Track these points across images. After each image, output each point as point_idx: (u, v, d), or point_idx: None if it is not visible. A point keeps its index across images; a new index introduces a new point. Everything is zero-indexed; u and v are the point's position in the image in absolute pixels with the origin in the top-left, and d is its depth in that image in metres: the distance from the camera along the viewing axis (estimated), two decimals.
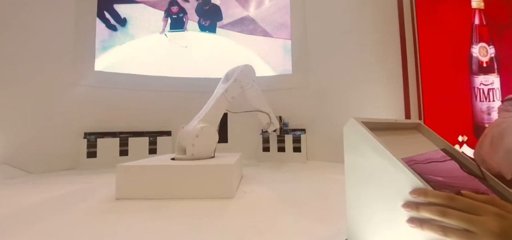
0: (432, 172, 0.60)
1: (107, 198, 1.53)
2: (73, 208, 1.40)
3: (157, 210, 1.34)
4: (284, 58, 3.74)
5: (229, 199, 1.50)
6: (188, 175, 1.57)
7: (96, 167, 2.85)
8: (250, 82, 2.51)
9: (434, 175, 0.61)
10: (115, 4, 3.54)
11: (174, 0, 3.83)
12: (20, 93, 2.63)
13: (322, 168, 2.66)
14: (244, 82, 2.41)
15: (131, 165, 1.61)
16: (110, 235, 1.05)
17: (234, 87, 2.29)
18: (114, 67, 3.35)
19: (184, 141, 1.82)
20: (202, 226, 1.15)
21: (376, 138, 0.47)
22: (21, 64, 2.64)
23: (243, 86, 2.41)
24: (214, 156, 1.94)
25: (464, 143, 2.49)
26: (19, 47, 2.64)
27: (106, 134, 3.02)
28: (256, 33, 3.88)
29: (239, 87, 2.35)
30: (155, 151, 3.16)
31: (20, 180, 2.28)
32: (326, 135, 3.11)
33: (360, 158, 0.49)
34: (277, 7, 3.87)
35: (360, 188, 0.48)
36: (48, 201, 1.55)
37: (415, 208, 0.36)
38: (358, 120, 0.52)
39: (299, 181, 2.09)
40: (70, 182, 2.10)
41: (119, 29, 3.54)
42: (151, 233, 1.06)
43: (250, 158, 3.30)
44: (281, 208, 1.37)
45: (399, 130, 0.68)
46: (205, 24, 3.88)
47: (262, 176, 2.26)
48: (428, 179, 0.50)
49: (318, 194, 1.65)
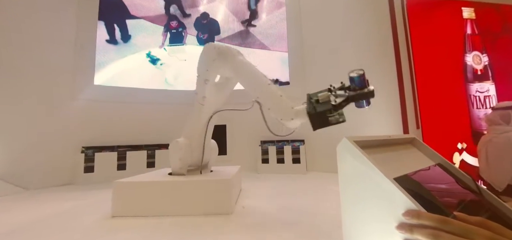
0: (433, 179, 0.59)
1: (102, 216, 1.50)
2: (67, 227, 1.38)
3: (153, 228, 1.32)
4: (282, 70, 3.78)
5: (227, 215, 1.48)
6: (185, 191, 1.55)
7: (93, 182, 2.82)
8: (212, 65, 1.72)
9: (436, 182, 0.60)
10: (126, 20, 3.64)
11: (174, 16, 3.91)
12: (17, 107, 2.63)
13: (322, 179, 2.64)
14: (203, 72, 1.76)
15: (127, 181, 1.59)
16: None
17: (198, 85, 1.80)
18: (113, 81, 3.38)
19: None
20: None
21: (368, 158, 0.47)
22: (19, 77, 2.65)
23: (208, 78, 1.75)
24: (211, 170, 1.92)
25: (464, 150, 2.50)
26: (18, 60, 2.66)
27: (104, 148, 3.00)
28: (254, 46, 3.94)
29: (203, 81, 1.75)
30: (153, 165, 3.13)
31: (15, 196, 2.25)
32: (324, 146, 3.10)
33: (354, 178, 0.48)
34: (274, 21, 3.95)
35: (355, 208, 0.47)
36: (42, 219, 1.52)
37: (409, 230, 0.36)
38: (350, 140, 0.52)
39: (298, 194, 2.07)
40: (66, 199, 2.08)
41: (120, 43, 3.60)
42: None
43: (249, 170, 3.28)
44: (280, 224, 1.35)
45: (394, 145, 0.68)
46: (203, 37, 3.95)
47: (261, 189, 2.23)
48: (430, 188, 0.50)
49: (317, 208, 1.64)
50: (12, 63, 2.62)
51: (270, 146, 3.32)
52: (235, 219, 1.42)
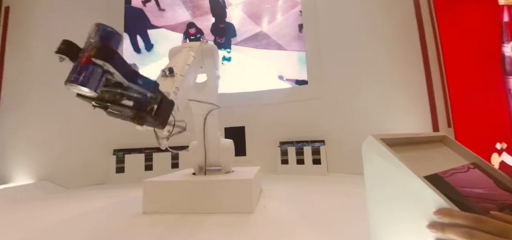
0: (468, 180, 0.56)
1: (134, 213, 1.61)
2: (104, 222, 1.50)
3: (180, 224, 1.38)
4: (299, 70, 3.75)
5: (249, 214, 1.51)
6: (208, 190, 1.60)
7: (124, 181, 3.02)
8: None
9: (472, 183, 0.57)
10: (148, 30, 3.87)
11: (192, 23, 4.05)
12: (57, 115, 2.90)
13: (343, 181, 2.58)
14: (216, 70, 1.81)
15: (155, 180, 1.69)
16: None
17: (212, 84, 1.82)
18: None
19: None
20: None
21: (396, 155, 0.46)
22: (58, 89, 2.92)
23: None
24: (232, 171, 1.96)
25: (504, 150, 2.29)
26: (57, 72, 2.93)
27: (133, 150, 3.20)
28: (270, 47, 3.96)
29: (216, 78, 1.84)
30: (177, 165, 3.27)
31: (59, 195, 2.48)
32: (346, 146, 3.02)
33: (381, 177, 0.47)
34: (290, 21, 3.93)
35: (382, 208, 0.46)
36: (82, 215, 1.67)
37: (440, 230, 0.35)
38: (377, 137, 0.51)
39: (319, 195, 2.04)
40: (101, 197, 2.24)
41: (143, 52, 3.84)
42: None
43: (269, 171, 3.29)
44: (302, 224, 1.35)
45: (422, 144, 0.65)
46: (221, 41, 4.04)
47: (282, 190, 2.23)
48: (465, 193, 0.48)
49: (340, 210, 1.60)
50: (52, 75, 2.90)
51: (289, 147, 3.31)
52: (256, 219, 1.44)
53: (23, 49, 2.91)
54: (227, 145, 1.90)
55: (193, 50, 1.50)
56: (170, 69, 1.15)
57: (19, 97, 2.83)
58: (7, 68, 2.87)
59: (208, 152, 1.81)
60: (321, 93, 3.46)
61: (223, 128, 3.42)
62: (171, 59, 1.46)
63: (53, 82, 2.91)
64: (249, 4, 4.09)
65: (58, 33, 3.17)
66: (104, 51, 0.66)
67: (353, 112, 3.05)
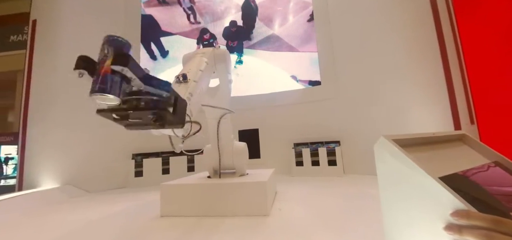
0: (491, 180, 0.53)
1: (153, 216, 1.67)
2: (124, 225, 1.56)
3: (197, 228, 1.42)
4: (312, 71, 3.71)
5: (264, 216, 1.51)
6: (223, 192, 1.63)
7: (143, 185, 3.14)
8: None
9: (495, 183, 0.54)
10: (161, 37, 4.02)
11: (205, 29, 4.15)
12: (79, 123, 3.07)
13: (360, 182, 2.51)
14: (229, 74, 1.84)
15: (172, 184, 1.74)
16: None
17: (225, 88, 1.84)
18: None
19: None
20: None
21: (409, 156, 0.45)
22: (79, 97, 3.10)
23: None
24: (247, 173, 1.97)
25: None
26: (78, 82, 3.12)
27: (150, 154, 3.31)
28: (282, 49, 3.96)
29: (229, 82, 1.86)
30: (193, 169, 3.34)
31: (81, 198, 2.62)
32: (362, 146, 2.95)
33: (394, 178, 0.46)
34: (301, 22, 3.91)
35: (396, 210, 0.45)
36: (103, 218, 1.76)
37: (457, 232, 0.34)
38: (389, 138, 0.51)
39: (335, 197, 2.00)
40: (121, 200, 2.34)
41: (159, 59, 3.99)
42: None
43: (283, 173, 3.27)
44: (318, 227, 1.34)
45: (440, 143, 0.63)
46: (233, 45, 4.09)
47: (297, 192, 2.22)
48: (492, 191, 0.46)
49: (356, 212, 1.57)
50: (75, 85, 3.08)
51: (303, 149, 3.28)
52: (272, 221, 1.45)
53: (49, 60, 3.12)
54: (241, 148, 1.92)
55: (205, 56, 1.54)
56: (183, 75, 1.19)
57: (46, 106, 3.03)
58: (34, 78, 3.09)
59: (222, 156, 1.84)
60: (335, 93, 3.41)
61: (237, 131, 3.46)
62: (185, 65, 1.51)
63: (76, 92, 3.10)
64: (261, 7, 4.12)
65: (81, 45, 3.37)
66: (120, 58, 0.70)
67: (369, 111, 2.98)
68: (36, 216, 1.93)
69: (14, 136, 4.85)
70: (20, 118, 3.05)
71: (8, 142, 6.33)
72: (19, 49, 5.38)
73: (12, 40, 6.04)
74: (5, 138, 6.46)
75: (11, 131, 6.41)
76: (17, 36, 6.01)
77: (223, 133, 1.83)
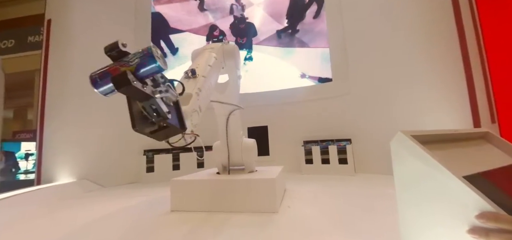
0: None
1: (164, 210, 1.70)
2: (136, 219, 1.60)
3: (207, 222, 1.43)
4: (323, 67, 3.65)
5: (273, 213, 1.50)
6: (232, 189, 1.63)
7: (154, 180, 3.21)
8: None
9: None
10: (170, 35, 4.08)
11: (215, 25, 4.16)
12: (94, 119, 3.16)
13: (373, 182, 2.45)
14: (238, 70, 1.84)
15: (182, 179, 1.76)
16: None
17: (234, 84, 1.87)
18: None
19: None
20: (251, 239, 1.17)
21: (430, 153, 0.43)
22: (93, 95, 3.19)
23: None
24: (256, 170, 1.96)
25: None
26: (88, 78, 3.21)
27: (161, 151, 3.38)
28: (292, 45, 3.91)
29: (238, 78, 1.88)
30: (202, 165, 3.38)
31: (97, 192, 2.71)
32: (375, 145, 2.87)
33: (413, 177, 0.44)
34: (312, 17, 3.84)
35: (414, 212, 0.43)
36: (116, 212, 1.81)
37: (484, 235, 0.32)
38: (407, 134, 0.48)
39: (346, 196, 1.96)
40: (134, 195, 2.40)
41: (168, 56, 4.03)
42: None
43: (293, 170, 3.25)
44: (329, 225, 1.31)
45: (461, 141, 0.59)
46: (242, 42, 4.08)
47: (306, 190, 2.19)
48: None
49: (369, 211, 1.53)
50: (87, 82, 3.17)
51: (313, 146, 3.23)
52: (281, 218, 1.44)
53: (63, 58, 3.22)
54: (250, 144, 1.91)
55: (214, 51, 1.53)
56: (192, 70, 1.19)
57: (61, 104, 3.14)
58: (50, 77, 3.20)
59: (231, 152, 1.84)
60: (346, 89, 3.33)
61: (246, 128, 3.46)
62: (194, 60, 1.51)
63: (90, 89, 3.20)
64: (271, 3, 4.08)
65: (93, 43, 3.46)
66: (118, 80, 0.66)
67: (382, 109, 2.89)
68: (54, 209, 2.01)
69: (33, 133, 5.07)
70: (37, 116, 3.18)
71: (28, 139, 6.64)
72: (36, 49, 5.59)
73: (30, 41, 6.30)
74: (25, 135, 6.77)
75: (30, 129, 6.71)
76: (34, 37, 6.26)
77: (232, 130, 1.82)
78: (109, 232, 1.42)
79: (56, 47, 3.26)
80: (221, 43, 1.67)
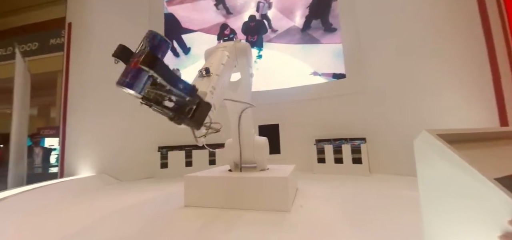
0: None
1: (177, 205, 1.74)
2: (151, 213, 1.65)
3: (219, 218, 1.45)
4: (336, 63, 3.56)
5: (285, 212, 1.50)
6: (244, 186, 1.64)
7: (168, 176, 3.29)
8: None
9: None
10: (182, 34, 4.15)
11: (226, 24, 4.17)
12: (112, 117, 3.28)
13: (389, 182, 2.38)
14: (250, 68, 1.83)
15: (195, 175, 1.80)
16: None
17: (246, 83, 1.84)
18: None
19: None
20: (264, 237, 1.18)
21: (458, 154, 0.40)
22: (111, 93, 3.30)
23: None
24: (267, 168, 1.96)
25: None
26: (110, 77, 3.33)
27: (175, 147, 3.46)
28: (304, 42, 3.85)
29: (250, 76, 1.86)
30: (214, 162, 3.42)
31: (115, 186, 2.82)
32: (391, 144, 2.78)
33: (438, 178, 0.41)
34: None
35: (440, 215, 0.40)
36: (133, 205, 1.87)
37: None
38: (433, 132, 0.45)
39: (361, 197, 1.92)
40: (149, 190, 2.48)
41: (181, 55, 4.11)
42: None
43: (304, 170, 3.21)
44: (343, 226, 1.29)
45: (489, 141, 0.56)
46: (253, 40, 4.07)
47: (319, 190, 2.16)
48: None
49: (385, 212, 1.48)
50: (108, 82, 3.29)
51: (326, 145, 3.18)
52: (293, 218, 1.43)
53: (83, 59, 3.36)
54: (262, 142, 1.91)
55: (227, 50, 1.54)
56: (206, 69, 1.20)
57: (82, 102, 3.29)
58: (72, 77, 3.35)
59: (243, 150, 1.84)
60: (361, 86, 3.24)
61: (257, 126, 3.45)
62: (207, 59, 1.53)
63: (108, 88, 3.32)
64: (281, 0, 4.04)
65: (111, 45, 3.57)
66: (148, 59, 0.72)
67: (400, 106, 2.79)
68: (76, 201, 2.11)
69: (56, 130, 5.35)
70: (60, 114, 3.35)
71: (51, 135, 7.02)
72: (58, 51, 5.90)
73: (52, 43, 6.71)
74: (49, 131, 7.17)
75: (53, 125, 7.10)
76: (56, 39, 6.66)
77: (244, 128, 1.83)
78: (128, 223, 1.47)
79: (77, 48, 3.41)
80: (234, 42, 1.68)
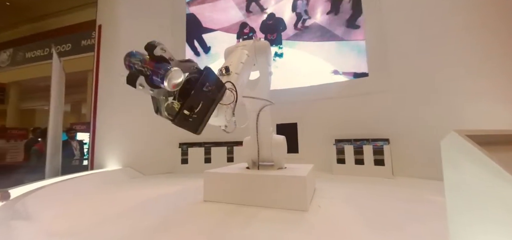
0: None
1: (197, 200, 1.81)
2: (172, 206, 1.73)
3: (237, 214, 1.48)
4: (358, 61, 3.44)
5: (303, 212, 1.49)
6: (262, 184, 1.65)
7: (188, 171, 3.42)
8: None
9: None
10: (202, 34, 4.28)
11: (245, 23, 4.20)
12: (136, 114, 3.45)
13: (413, 186, 2.26)
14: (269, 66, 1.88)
15: (214, 171, 1.85)
16: (203, 233, 1.23)
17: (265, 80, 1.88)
18: None
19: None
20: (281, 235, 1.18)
21: (490, 156, 0.38)
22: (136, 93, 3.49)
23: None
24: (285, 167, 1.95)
25: None
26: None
27: (194, 144, 3.58)
28: (324, 39, 3.76)
29: (269, 74, 1.89)
30: (232, 159, 3.48)
31: (139, 180, 2.99)
32: (416, 146, 2.63)
33: (467, 182, 0.39)
34: (346, 8, 3.63)
35: (467, 220, 0.38)
36: (155, 198, 1.98)
37: None
38: (461, 133, 0.43)
39: (383, 199, 1.84)
40: (170, 184, 2.58)
41: (202, 54, 4.21)
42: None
43: (323, 170, 3.15)
44: (362, 229, 1.25)
45: None
46: (272, 38, 4.05)
47: (338, 191, 2.11)
48: None
49: (408, 217, 1.42)
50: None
51: (346, 145, 3.09)
52: (311, 218, 1.41)
53: (112, 59, 3.57)
54: (280, 141, 1.91)
55: (246, 48, 1.56)
56: (226, 67, 1.23)
57: (110, 100, 3.52)
58: (101, 76, 3.60)
59: (261, 148, 1.86)
60: (384, 85, 3.09)
61: (275, 125, 3.45)
62: (227, 58, 1.55)
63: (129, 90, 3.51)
64: None
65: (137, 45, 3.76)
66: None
67: (426, 106, 2.63)
68: (104, 191, 2.27)
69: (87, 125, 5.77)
70: (90, 111, 3.61)
71: (83, 130, 7.60)
72: (88, 52, 6.37)
73: (83, 44, 7.29)
74: (80, 127, 7.76)
75: (84, 121, 7.67)
76: (86, 41, 7.22)
77: (262, 125, 1.84)
78: (151, 214, 1.56)
79: (106, 49, 3.64)
80: (253, 40, 1.69)
